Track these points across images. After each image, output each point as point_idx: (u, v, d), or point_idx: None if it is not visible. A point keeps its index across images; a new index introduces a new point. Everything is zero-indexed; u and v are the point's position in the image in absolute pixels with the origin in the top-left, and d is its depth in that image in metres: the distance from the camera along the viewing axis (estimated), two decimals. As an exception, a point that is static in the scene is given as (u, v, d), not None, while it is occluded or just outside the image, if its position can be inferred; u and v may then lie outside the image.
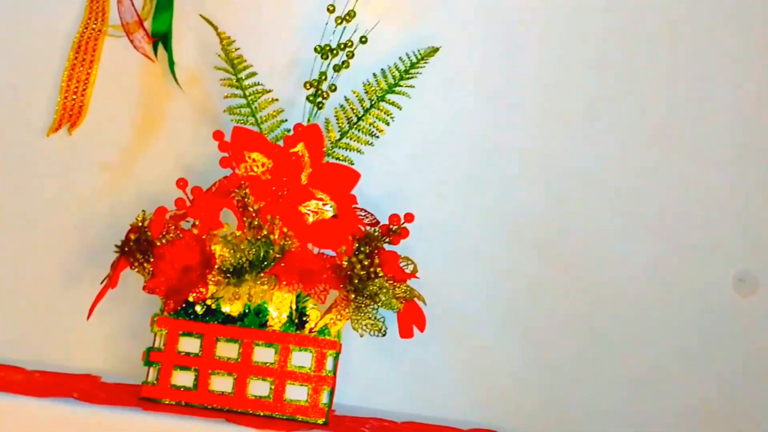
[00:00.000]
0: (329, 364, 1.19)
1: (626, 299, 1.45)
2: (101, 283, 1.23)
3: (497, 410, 1.42)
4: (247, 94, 1.37)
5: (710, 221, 1.46)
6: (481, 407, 1.42)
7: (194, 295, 1.15)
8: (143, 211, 1.21)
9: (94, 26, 1.48)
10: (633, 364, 1.44)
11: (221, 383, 1.17)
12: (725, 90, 1.47)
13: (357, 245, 1.21)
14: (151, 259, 1.17)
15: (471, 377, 1.43)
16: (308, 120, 1.33)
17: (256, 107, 1.36)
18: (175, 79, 1.42)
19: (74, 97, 1.47)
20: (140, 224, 1.19)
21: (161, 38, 1.45)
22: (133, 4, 1.43)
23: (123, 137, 1.45)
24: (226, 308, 1.19)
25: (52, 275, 1.39)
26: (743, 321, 1.45)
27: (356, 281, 1.18)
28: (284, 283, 1.16)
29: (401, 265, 1.26)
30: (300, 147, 1.25)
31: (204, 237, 1.19)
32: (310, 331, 1.20)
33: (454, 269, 1.43)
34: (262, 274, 1.16)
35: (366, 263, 1.19)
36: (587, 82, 1.46)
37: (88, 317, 1.22)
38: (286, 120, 1.36)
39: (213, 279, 1.16)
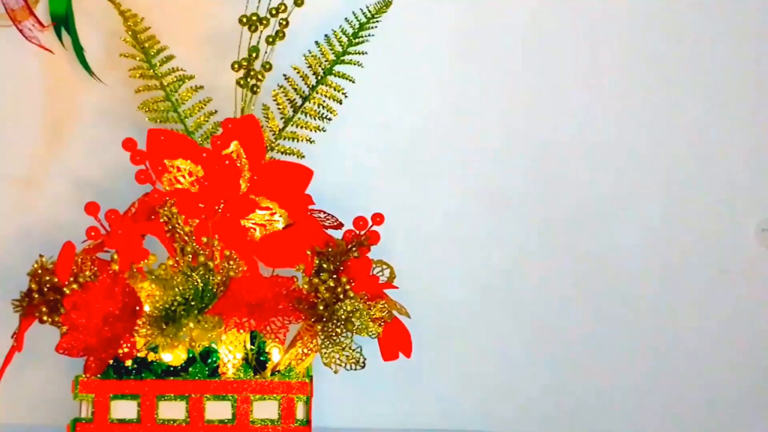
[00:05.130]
0: (300, 411, 1.00)
1: (632, 266, 1.32)
2: (11, 337, 1.01)
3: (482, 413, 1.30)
4: (165, 83, 1.14)
5: (728, 171, 1.33)
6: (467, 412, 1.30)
7: (121, 351, 0.93)
8: (41, 256, 0.98)
9: (-27, 17, 1.26)
10: (647, 336, 1.32)
11: (170, 453, 0.97)
12: (732, 37, 1.32)
13: (318, 262, 0.99)
14: (62, 311, 0.94)
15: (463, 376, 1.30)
16: (242, 110, 1.10)
17: (177, 99, 1.13)
18: (87, 68, 1.22)
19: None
20: (41, 269, 0.95)
21: (62, 22, 1.26)
22: (18, -12, 1.25)
23: (28, 147, 1.27)
24: (166, 356, 0.97)
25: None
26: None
27: (321, 308, 0.96)
28: (232, 323, 0.93)
29: (375, 273, 1.07)
30: (234, 146, 1.03)
31: (125, 275, 0.96)
32: (272, 373, 1.00)
33: (433, 253, 1.29)
34: (202, 316, 0.94)
35: (331, 284, 0.97)
36: (570, 35, 1.29)
37: (-3, 382, 1.00)
38: (216, 111, 1.16)
39: (142, 328, 0.93)
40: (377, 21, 1.18)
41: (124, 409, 0.99)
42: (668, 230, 1.32)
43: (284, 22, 1.12)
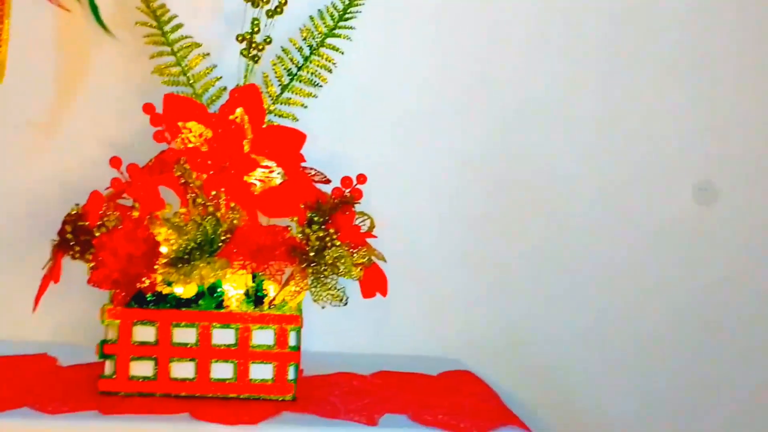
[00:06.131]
0: (292, 339, 1.15)
1: (584, 220, 1.45)
2: (42, 269, 1.17)
3: (460, 342, 1.45)
4: (176, 50, 1.27)
5: (668, 136, 1.45)
6: (446, 340, 1.45)
7: (142, 285, 1.09)
8: (76, 204, 1.13)
9: (-3, -22, 1.35)
10: (593, 286, 1.47)
11: (182, 370, 1.13)
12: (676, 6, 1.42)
13: (310, 215, 1.15)
14: (92, 251, 1.10)
15: (433, 311, 1.45)
16: (244, 77, 1.24)
17: (186, 65, 1.26)
18: (102, 25, 1.30)
19: (-11, 56, 1.36)
20: (74, 216, 1.11)
21: None
22: (36, -51, 1.31)
23: (47, 95, 1.36)
24: (178, 290, 1.14)
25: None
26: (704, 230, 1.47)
27: (311, 254, 1.13)
28: (236, 264, 1.10)
29: (358, 223, 1.21)
30: (239, 113, 1.16)
31: (145, 221, 1.11)
32: (269, 306, 1.15)
33: (408, 206, 1.42)
34: (212, 258, 1.10)
35: (320, 234, 1.13)
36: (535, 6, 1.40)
37: (33, 310, 1.16)
38: (221, 77, 1.27)
39: (160, 267, 1.09)
40: (364, -1, 1.31)
41: (144, 334, 1.13)
42: (616, 191, 1.44)
43: (283, 1, 1.24)
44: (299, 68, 1.27)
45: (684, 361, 1.48)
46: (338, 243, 1.14)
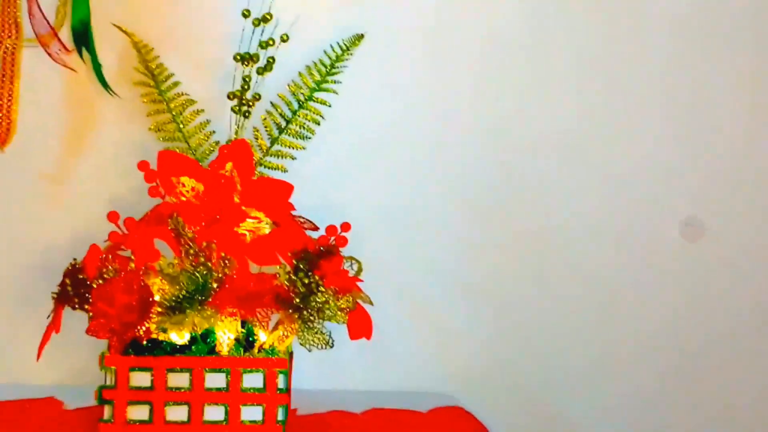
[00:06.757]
0: (281, 382, 1.21)
1: (573, 250, 1.49)
2: (47, 317, 1.24)
3: (455, 377, 1.48)
4: (172, 107, 1.34)
5: (656, 170, 1.48)
6: (439, 376, 1.48)
7: (138, 333, 1.16)
8: (74, 259, 1.20)
9: (9, 41, 1.43)
10: (582, 313, 1.50)
11: (176, 413, 1.19)
12: (663, 45, 1.46)
13: (296, 262, 1.20)
14: (90, 301, 1.17)
15: (427, 346, 1.49)
16: (236, 131, 1.31)
17: (181, 121, 1.33)
18: (104, 84, 1.38)
19: (0, 115, 1.44)
20: (73, 269, 1.17)
21: (81, 40, 1.40)
22: (44, 16, 1.39)
23: (55, 151, 1.43)
24: (173, 336, 1.20)
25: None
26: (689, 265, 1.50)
27: (297, 300, 1.18)
28: (226, 312, 1.16)
29: (345, 267, 1.27)
30: (229, 167, 1.23)
31: (141, 272, 1.18)
32: (259, 350, 1.21)
33: (402, 244, 1.46)
34: (202, 306, 1.16)
35: (306, 281, 1.19)
36: (521, 45, 1.44)
37: (37, 358, 1.22)
38: (214, 132, 1.34)
39: (155, 316, 1.16)
40: (350, 54, 1.37)
41: (140, 379, 1.18)
42: (603, 224, 1.47)
43: (272, 60, 1.31)
44: (288, 122, 1.34)
45: (684, 405, 1.51)
46: (323, 289, 1.19)
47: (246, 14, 1.30)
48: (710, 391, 1.51)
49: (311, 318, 1.18)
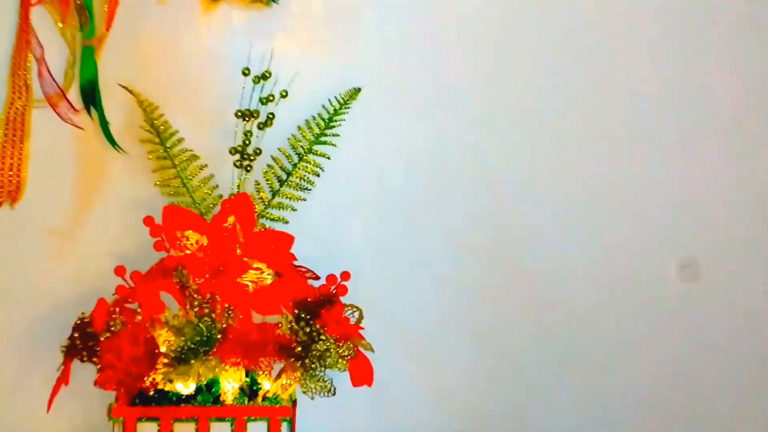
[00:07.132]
0: (284, 430, 1.23)
1: (571, 294, 1.51)
2: (57, 370, 1.27)
3: (461, 423, 1.50)
4: (177, 163, 1.38)
5: (652, 212, 1.51)
6: (439, 418, 1.50)
7: (145, 384, 1.18)
8: (83, 313, 1.23)
9: (19, 102, 1.47)
10: (581, 356, 1.52)
11: (183, 462, 1.22)
12: (662, 83, 1.50)
13: (297, 312, 1.23)
14: (98, 354, 1.20)
15: (433, 391, 1.51)
16: (238, 185, 1.35)
17: (186, 176, 1.37)
18: (112, 142, 1.41)
19: (10, 173, 1.47)
20: (82, 322, 1.21)
21: (89, 99, 1.44)
22: (52, 77, 1.43)
23: (65, 207, 1.46)
24: (179, 386, 1.23)
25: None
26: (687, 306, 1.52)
27: (299, 349, 1.21)
28: (229, 362, 1.19)
29: (347, 314, 1.30)
30: (231, 220, 1.27)
31: (147, 324, 1.21)
32: (263, 399, 1.23)
33: (406, 290, 1.49)
34: (206, 357, 1.19)
35: (308, 330, 1.22)
36: (515, 89, 1.48)
37: (47, 411, 1.25)
38: (217, 186, 1.38)
39: (161, 367, 1.19)
40: (348, 107, 1.41)
41: (148, 429, 1.21)
42: (602, 265, 1.50)
43: (272, 115, 1.35)
44: (289, 174, 1.38)
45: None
46: (324, 337, 1.22)
47: (246, 72, 1.35)
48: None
49: (313, 366, 1.21)
